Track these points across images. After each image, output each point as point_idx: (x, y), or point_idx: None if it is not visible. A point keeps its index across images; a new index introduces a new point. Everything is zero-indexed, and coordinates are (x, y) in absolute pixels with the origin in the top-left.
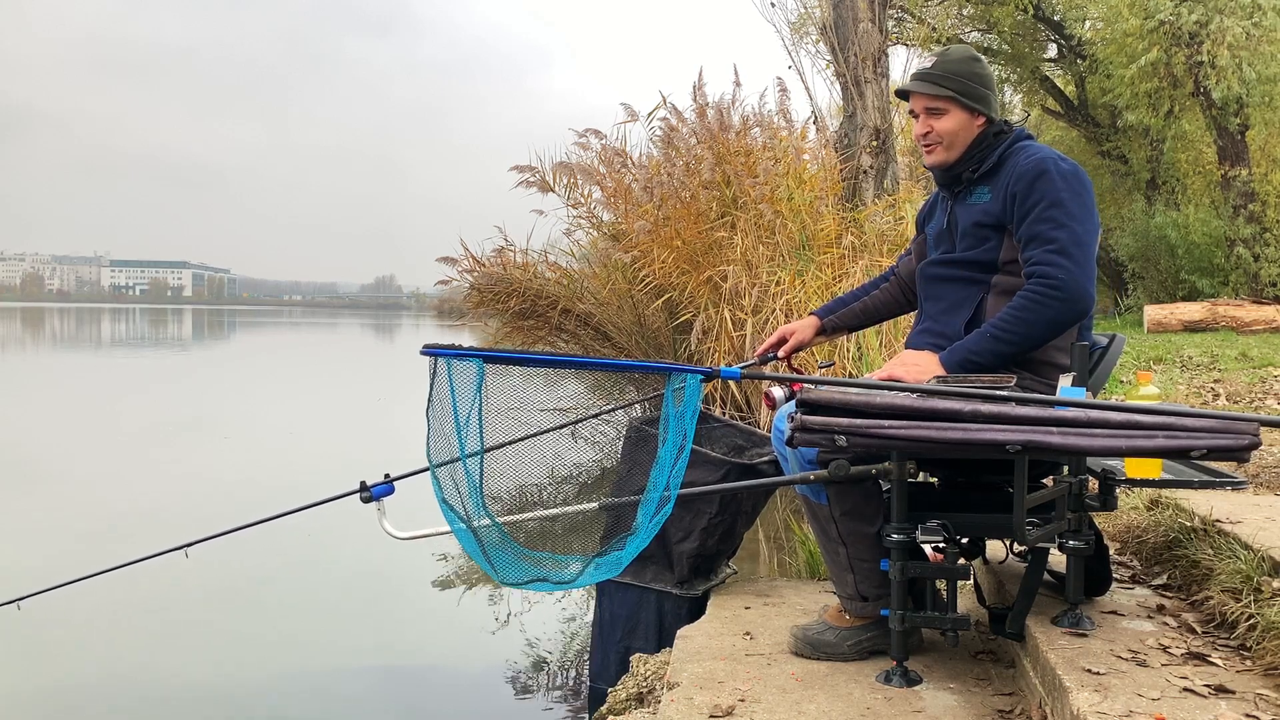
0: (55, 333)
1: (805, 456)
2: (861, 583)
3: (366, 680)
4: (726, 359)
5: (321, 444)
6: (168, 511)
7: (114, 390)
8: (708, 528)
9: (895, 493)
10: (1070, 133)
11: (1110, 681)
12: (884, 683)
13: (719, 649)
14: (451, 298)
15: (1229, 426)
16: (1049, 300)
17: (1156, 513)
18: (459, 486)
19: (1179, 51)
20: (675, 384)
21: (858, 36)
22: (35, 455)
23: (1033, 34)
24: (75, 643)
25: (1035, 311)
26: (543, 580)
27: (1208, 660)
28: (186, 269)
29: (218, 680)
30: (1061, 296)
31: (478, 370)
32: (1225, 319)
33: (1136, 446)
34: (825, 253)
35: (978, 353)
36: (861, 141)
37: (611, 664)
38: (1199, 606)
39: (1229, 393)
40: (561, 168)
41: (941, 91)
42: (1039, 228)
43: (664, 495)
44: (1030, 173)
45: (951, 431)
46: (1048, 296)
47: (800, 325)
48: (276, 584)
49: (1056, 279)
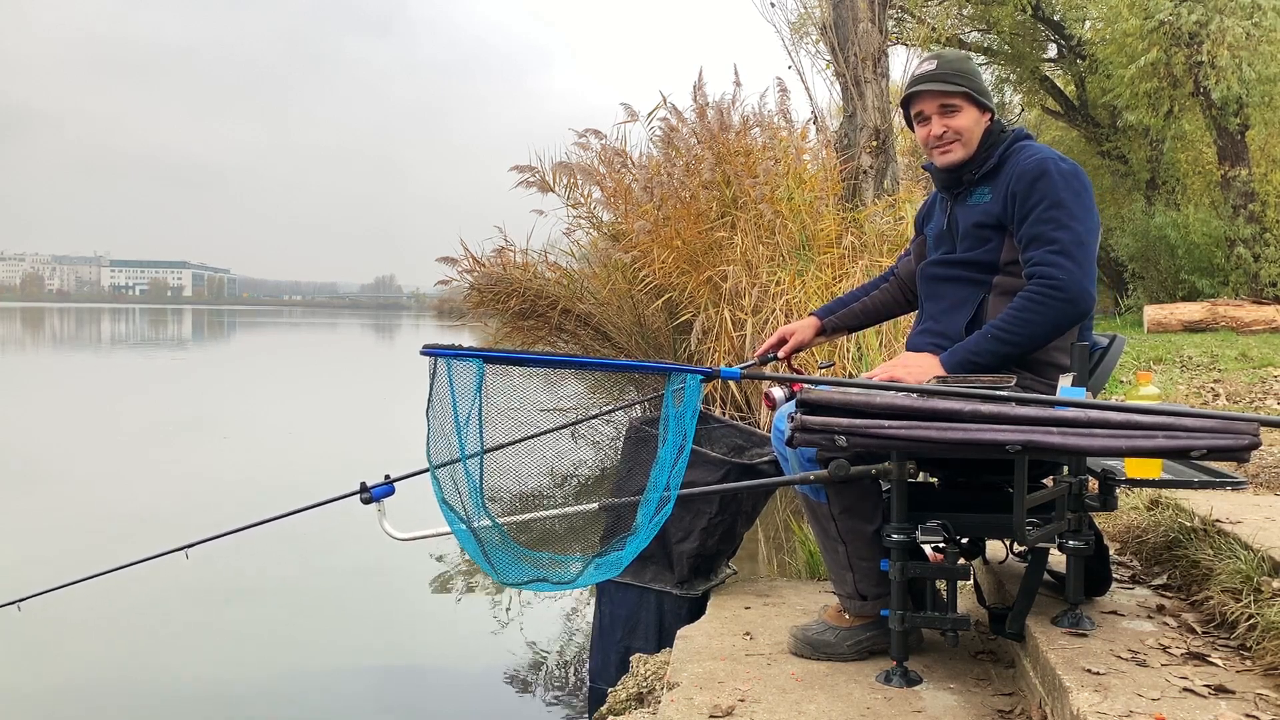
0: (55, 333)
1: (805, 456)
2: (861, 582)
3: (366, 681)
4: (726, 359)
5: (321, 445)
6: (168, 512)
7: (114, 390)
8: (708, 528)
9: (895, 492)
10: (1070, 133)
11: (1110, 681)
12: (884, 683)
13: (719, 649)
14: (451, 298)
15: (1229, 427)
16: (1050, 301)
17: (1156, 513)
18: (459, 487)
19: (1179, 51)
20: (675, 384)
21: (857, 36)
22: (35, 456)
23: (1032, 34)
24: (76, 644)
25: (1036, 312)
26: (543, 580)
27: (1208, 660)
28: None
29: (218, 681)
30: (1063, 297)
31: (477, 370)
32: (1225, 319)
33: (1136, 446)
34: (825, 253)
35: (978, 353)
36: (861, 141)
37: (611, 664)
38: (1199, 606)
39: (1229, 393)
40: (561, 168)
41: (955, 89)
42: (1040, 229)
43: (664, 495)
44: (1030, 173)
45: (951, 431)
46: (1049, 297)
47: (800, 326)
48: (277, 585)
49: (1058, 279)
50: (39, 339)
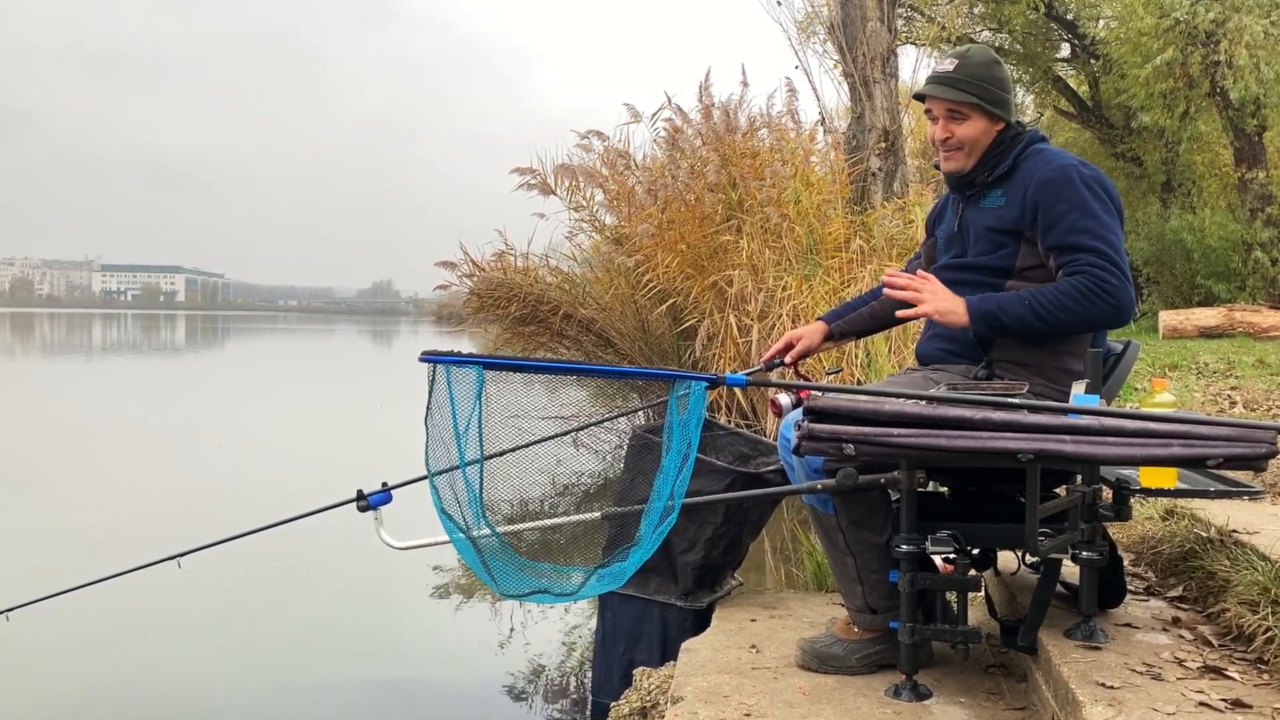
0: (45, 339)
1: (812, 465)
2: (870, 595)
3: (363, 693)
4: (732, 365)
5: (317, 452)
6: (160, 521)
7: (105, 398)
8: (713, 538)
9: (904, 502)
10: (1083, 134)
11: (1125, 696)
12: (893, 697)
13: (724, 662)
14: (451, 303)
15: (1246, 435)
16: (1098, 301)
17: (1172, 523)
18: (458, 496)
19: (1195, 51)
20: (679, 391)
21: (866, 36)
22: (25, 464)
23: (1045, 33)
24: (66, 655)
25: (1081, 305)
26: (544, 592)
27: (1224, 674)
28: (180, 273)
29: (211, 693)
30: (1113, 303)
31: (477, 377)
32: (1242, 324)
33: (1151, 455)
34: (833, 257)
35: (1008, 314)
36: (870, 143)
37: (614, 677)
38: (1215, 619)
39: (1246, 400)
40: (563, 170)
41: (965, 97)
42: (1076, 238)
43: (668, 505)
44: (1054, 180)
45: (962, 440)
46: (1099, 296)
47: (807, 331)
48: (271, 595)
49: (1112, 285)
50: (29, 345)
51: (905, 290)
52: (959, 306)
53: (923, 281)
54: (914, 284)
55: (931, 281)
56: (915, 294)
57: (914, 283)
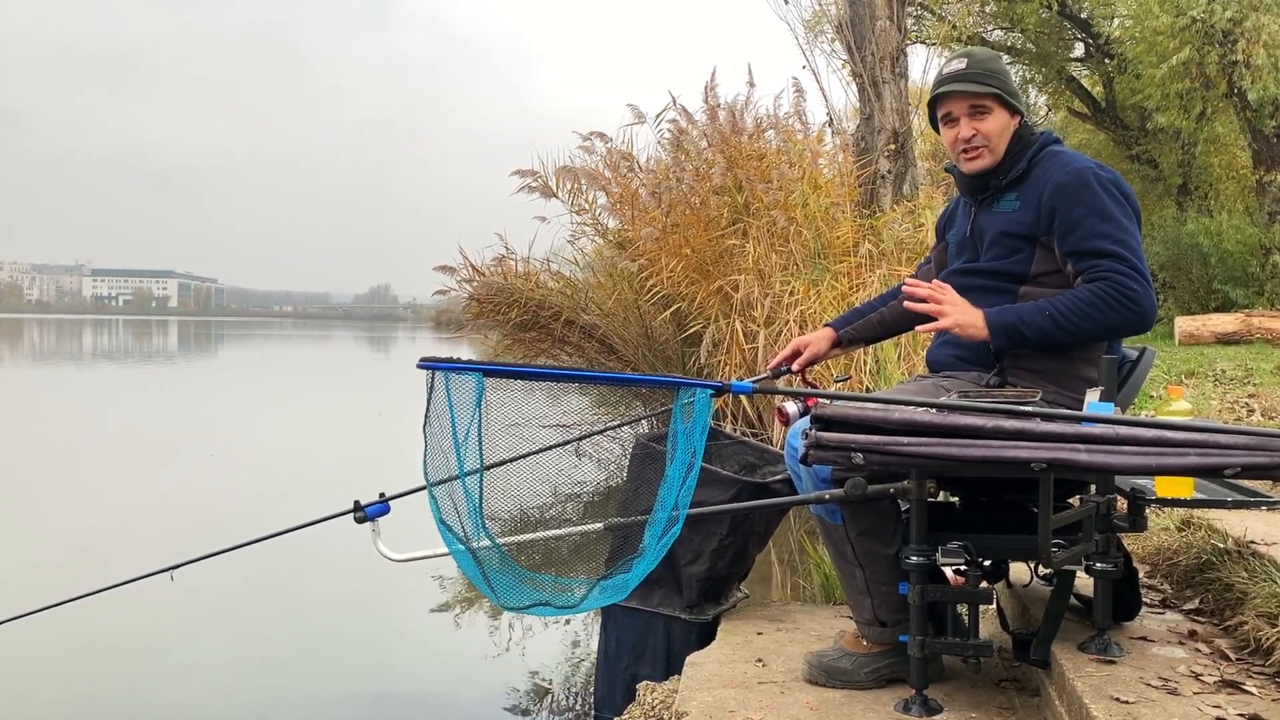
0: (35, 346)
1: (820, 475)
2: (879, 607)
3: (360, 708)
4: (738, 373)
5: (313, 462)
6: (152, 533)
7: (96, 406)
8: (718, 549)
9: (914, 513)
10: (1098, 136)
11: (1140, 711)
12: (903, 712)
13: (730, 677)
14: (450, 308)
15: (1264, 444)
16: (1120, 308)
17: (1188, 534)
18: (457, 506)
19: (1212, 50)
20: (684, 399)
21: (875, 35)
22: (14, 474)
23: (1058, 32)
24: (57, 669)
25: (1103, 312)
26: (545, 604)
27: (1242, 688)
28: (172, 278)
29: (205, 708)
30: (1135, 310)
31: (477, 385)
32: (1260, 331)
33: (1167, 464)
34: (841, 261)
35: (1027, 326)
36: (879, 145)
37: (617, 692)
38: (1233, 632)
39: (1264, 408)
40: (565, 172)
41: (987, 90)
42: (1095, 243)
43: (672, 515)
44: (1071, 184)
45: (973, 449)
46: (1121, 303)
47: (815, 337)
48: (266, 608)
49: (1134, 291)
50: (18, 352)
51: (926, 302)
52: (978, 319)
53: (943, 292)
54: (935, 295)
55: (950, 292)
56: (936, 306)
57: (934, 294)
